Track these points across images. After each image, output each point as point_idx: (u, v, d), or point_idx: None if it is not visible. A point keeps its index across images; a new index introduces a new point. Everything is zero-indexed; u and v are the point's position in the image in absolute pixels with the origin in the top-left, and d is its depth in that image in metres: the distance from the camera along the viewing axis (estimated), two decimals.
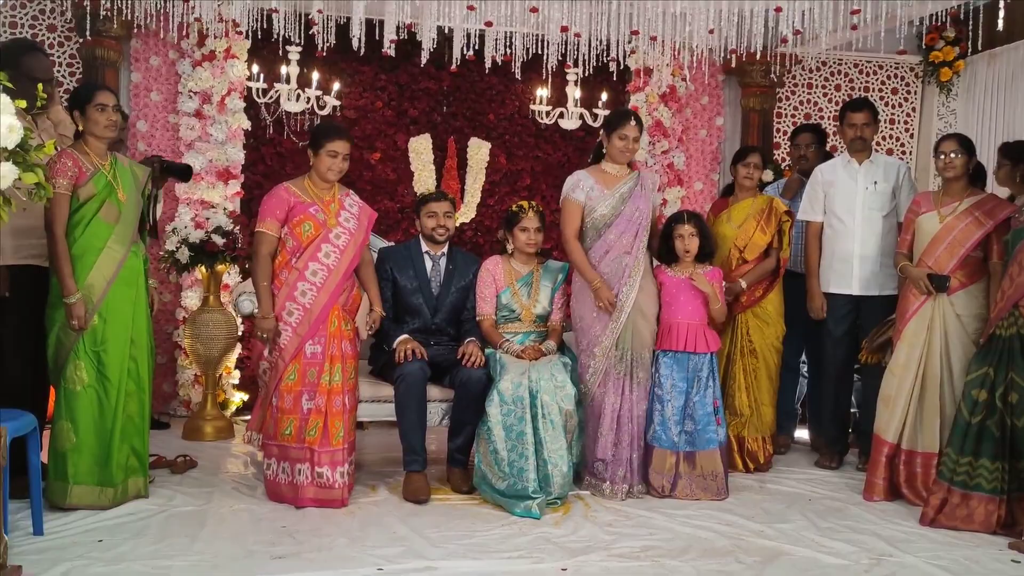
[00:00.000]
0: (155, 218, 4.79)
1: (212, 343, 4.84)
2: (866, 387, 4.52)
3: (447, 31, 5.02)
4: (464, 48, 4.96)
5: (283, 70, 4.75)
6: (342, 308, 3.74)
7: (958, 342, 3.85)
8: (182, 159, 5.18)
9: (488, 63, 5.10)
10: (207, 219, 4.99)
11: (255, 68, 5.01)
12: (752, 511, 3.74)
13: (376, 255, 4.20)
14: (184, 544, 3.12)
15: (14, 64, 3.41)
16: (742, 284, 4.38)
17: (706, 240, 4.11)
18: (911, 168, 5.65)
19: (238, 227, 5.00)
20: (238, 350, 5.23)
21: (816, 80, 6.24)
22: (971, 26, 4.71)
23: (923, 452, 3.87)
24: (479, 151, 5.84)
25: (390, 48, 4.88)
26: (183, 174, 4.66)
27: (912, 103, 6.28)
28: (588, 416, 3.95)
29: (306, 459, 3.59)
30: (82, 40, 5.15)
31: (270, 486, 3.67)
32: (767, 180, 5.18)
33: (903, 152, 6.25)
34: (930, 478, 3.77)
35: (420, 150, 5.75)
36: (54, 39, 5.29)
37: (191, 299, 5.23)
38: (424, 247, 4.16)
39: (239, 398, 5.35)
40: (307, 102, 4.87)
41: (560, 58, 5.10)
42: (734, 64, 5.62)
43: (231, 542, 3.17)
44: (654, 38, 4.95)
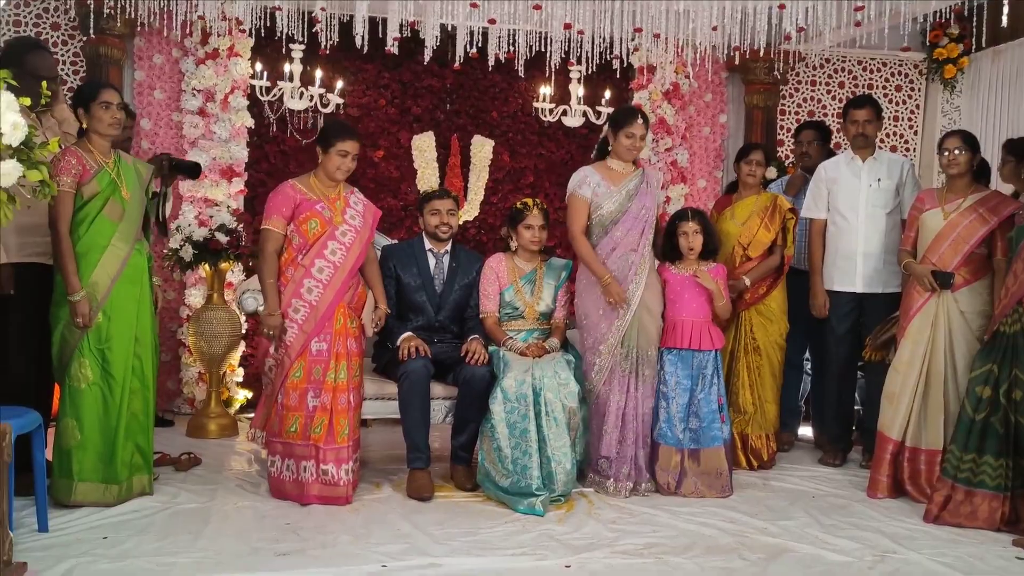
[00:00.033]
0: (165, 216, 4.80)
1: (216, 341, 4.86)
2: (870, 384, 4.52)
3: (450, 29, 5.02)
4: (467, 46, 4.96)
5: (286, 68, 4.76)
6: (348, 306, 3.75)
7: (962, 339, 3.84)
8: (186, 157, 5.19)
9: (491, 61, 5.10)
10: (211, 217, 4.99)
11: (258, 66, 5.01)
12: (756, 508, 3.74)
13: (379, 253, 4.21)
14: (188, 541, 3.12)
15: (18, 62, 3.43)
16: (746, 281, 4.38)
17: (710, 237, 4.11)
18: (915, 165, 5.64)
19: (242, 225, 5.01)
20: (242, 348, 5.24)
21: (820, 77, 6.23)
22: (975, 23, 4.69)
23: (927, 449, 3.87)
24: (482, 149, 5.84)
25: (393, 46, 4.88)
26: (192, 171, 4.66)
27: (916, 100, 6.27)
28: (593, 413, 3.95)
29: (311, 456, 3.59)
30: (86, 38, 5.16)
31: (274, 483, 3.68)
32: (771, 177, 5.16)
33: (907, 149, 6.24)
34: (934, 475, 3.77)
35: (423, 148, 5.75)
36: (58, 37, 5.30)
37: (195, 297, 5.24)
38: (427, 245, 4.16)
39: (243, 396, 5.35)
40: (310, 100, 4.87)
41: (563, 55, 5.09)
42: (737, 61, 5.61)
43: (235, 539, 3.17)
44: (657, 35, 4.94)
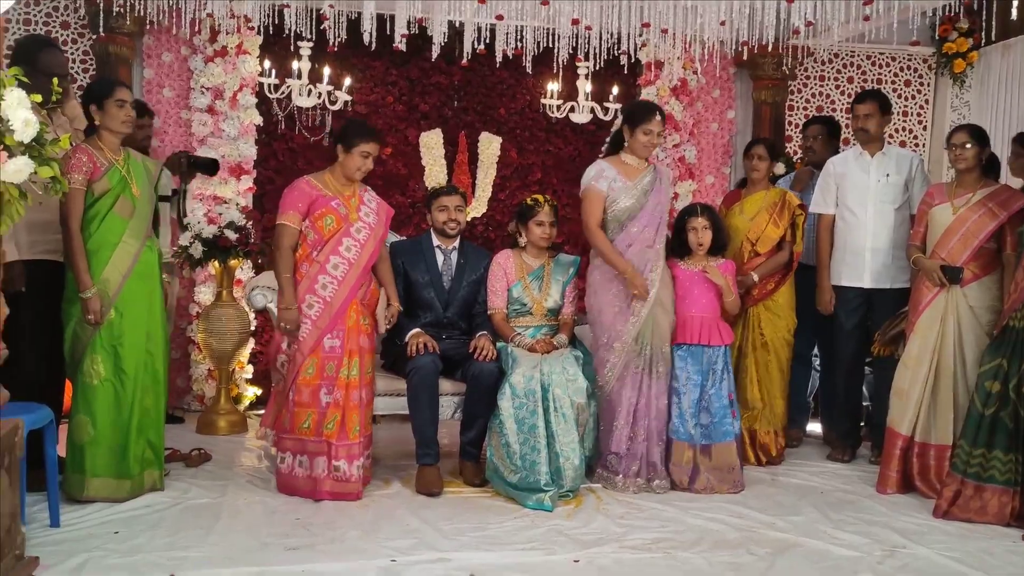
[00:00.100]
0: (183, 213, 4.82)
1: (225, 338, 4.87)
2: (878, 380, 4.51)
3: (458, 25, 5.02)
4: (475, 42, 4.96)
5: (294, 65, 4.76)
6: (360, 302, 3.76)
7: (971, 334, 3.84)
8: (196, 155, 5.20)
9: (499, 57, 5.10)
10: (220, 214, 5.00)
11: (267, 64, 5.02)
12: (764, 503, 3.74)
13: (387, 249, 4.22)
14: (199, 536, 3.14)
15: (30, 60, 3.45)
16: (754, 277, 4.37)
17: (719, 233, 4.10)
18: (924, 160, 5.62)
19: (251, 222, 5.02)
20: (251, 345, 5.26)
21: (828, 72, 6.20)
22: (985, 17, 4.68)
23: (936, 444, 3.86)
24: (490, 145, 5.84)
25: (401, 43, 4.88)
26: (209, 168, 4.69)
27: (925, 95, 6.24)
28: (603, 409, 3.95)
29: (323, 452, 3.60)
30: (95, 36, 5.17)
31: (284, 480, 3.68)
32: (779, 173, 5.15)
33: (916, 144, 6.21)
34: (944, 470, 3.76)
35: (431, 145, 5.76)
36: (67, 36, 5.32)
37: (204, 294, 5.26)
38: (435, 241, 4.16)
39: (252, 392, 5.38)
40: (318, 97, 4.87)
41: (571, 52, 5.09)
42: (746, 57, 5.60)
43: (245, 534, 3.19)
44: (665, 31, 4.93)
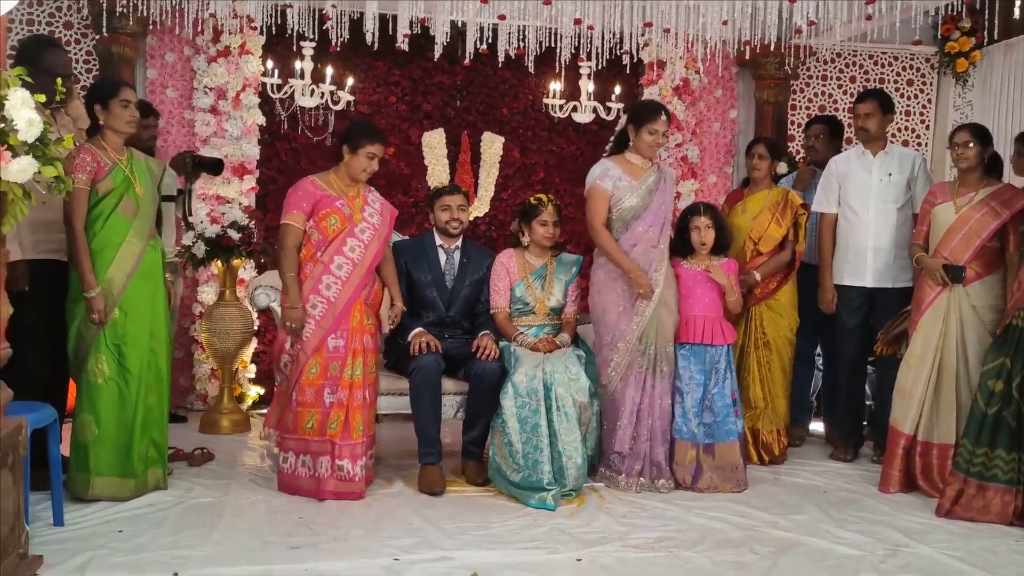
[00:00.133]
0: (188, 212, 4.83)
1: (228, 337, 4.88)
2: (881, 379, 4.51)
3: (460, 25, 5.02)
4: (477, 42, 4.96)
5: (297, 65, 4.76)
6: (364, 302, 3.76)
7: (974, 333, 3.83)
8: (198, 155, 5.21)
9: (501, 57, 5.10)
10: (223, 214, 5.02)
11: (269, 64, 5.02)
12: (766, 503, 3.74)
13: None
14: (202, 535, 3.15)
15: (34, 60, 3.45)
16: (756, 276, 4.37)
17: (722, 232, 4.10)
18: (927, 160, 5.61)
19: (253, 222, 5.03)
20: (254, 344, 5.26)
21: (831, 72, 6.20)
22: (987, 16, 4.67)
23: (939, 444, 3.86)
24: (492, 145, 5.84)
25: (403, 43, 4.89)
26: (214, 167, 4.69)
27: (928, 94, 6.24)
28: (607, 409, 3.95)
29: (327, 452, 3.60)
30: (98, 37, 5.18)
31: (286, 479, 3.68)
32: (781, 173, 5.15)
33: (919, 144, 6.21)
34: (946, 470, 3.75)
35: (434, 144, 5.76)
36: (70, 36, 5.32)
37: (207, 294, 5.27)
38: (438, 240, 4.17)
39: (255, 392, 5.38)
40: (321, 97, 4.88)
41: (573, 51, 5.09)
42: (748, 56, 5.60)
43: (248, 533, 3.20)
44: (667, 30, 4.93)
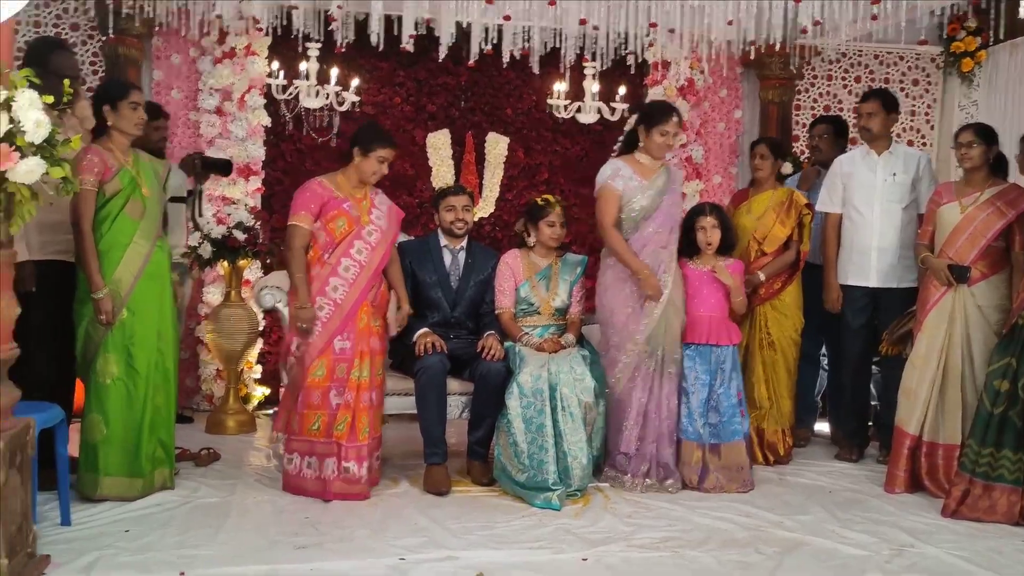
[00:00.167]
0: (198, 213, 4.84)
1: (234, 338, 4.89)
2: (886, 379, 4.50)
3: (465, 26, 5.02)
4: (482, 43, 4.96)
5: (302, 66, 4.78)
6: (371, 304, 3.76)
7: (979, 333, 3.83)
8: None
9: (506, 58, 5.09)
10: (228, 215, 5.03)
11: (275, 65, 5.04)
12: (772, 503, 3.74)
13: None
14: (209, 534, 3.16)
15: (42, 61, 3.47)
16: (760, 277, 4.37)
17: (728, 232, 4.10)
18: (932, 159, 5.60)
19: (259, 223, 5.04)
20: (260, 345, 5.28)
21: (836, 72, 6.20)
22: (993, 16, 4.66)
23: (945, 444, 3.85)
24: (497, 146, 5.85)
25: (408, 44, 4.89)
26: (223, 168, 4.71)
27: (933, 94, 6.22)
28: (613, 409, 3.94)
29: (333, 454, 3.60)
30: (104, 38, 5.19)
31: (291, 481, 3.68)
32: (786, 173, 5.15)
33: (924, 144, 6.20)
34: (952, 470, 3.75)
35: (438, 145, 5.77)
36: (77, 37, 5.34)
37: (213, 294, 5.28)
38: (443, 241, 4.18)
39: (261, 392, 5.39)
40: (326, 98, 4.89)
41: (578, 52, 5.10)
42: (753, 56, 5.59)
43: (255, 533, 3.21)
44: (672, 31, 4.93)
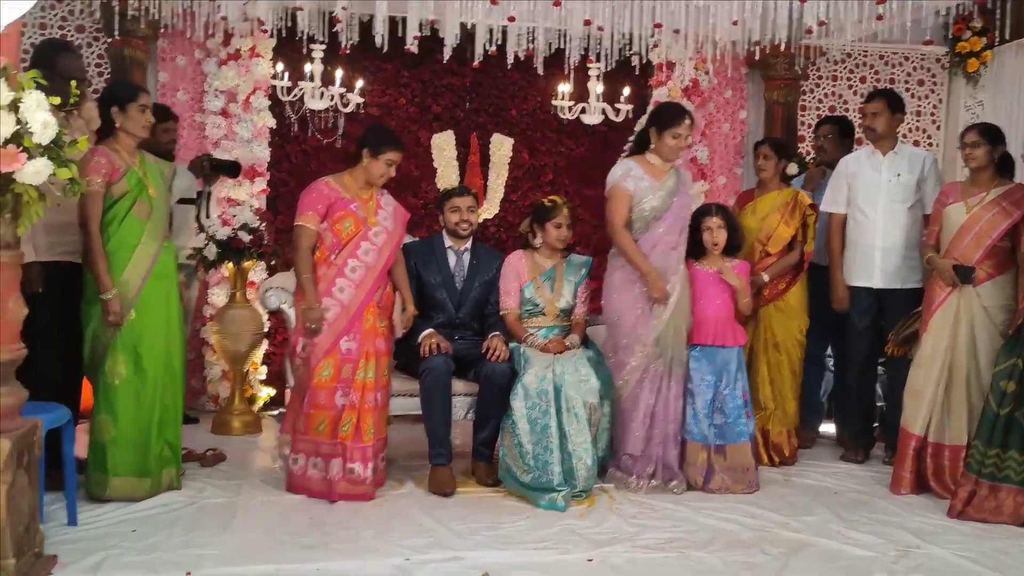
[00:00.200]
0: (208, 214, 4.86)
1: (239, 339, 4.89)
2: (892, 380, 4.49)
3: (469, 27, 5.02)
4: (486, 44, 4.96)
5: (307, 68, 4.78)
6: (377, 305, 3.76)
7: (984, 334, 3.82)
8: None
9: (510, 59, 5.10)
10: (233, 216, 5.04)
11: (280, 66, 5.05)
12: (777, 504, 3.74)
13: None
14: (215, 534, 3.17)
15: (49, 63, 3.49)
16: (764, 277, 4.36)
17: (734, 233, 4.10)
18: (938, 160, 5.59)
19: (264, 224, 5.05)
20: (265, 346, 5.28)
21: (841, 72, 6.19)
22: (999, 16, 4.65)
23: (950, 445, 3.85)
24: (502, 147, 5.85)
25: (413, 45, 4.89)
26: (232, 170, 4.72)
27: (939, 94, 6.22)
28: (620, 410, 3.93)
29: (338, 455, 3.61)
30: (110, 40, 5.21)
31: (296, 481, 3.69)
32: (791, 174, 5.14)
33: (930, 144, 6.19)
34: (958, 471, 3.74)
35: (443, 146, 5.78)
36: (82, 40, 5.35)
37: (218, 296, 5.29)
38: (447, 242, 4.18)
39: (266, 393, 5.40)
40: (331, 100, 4.90)
41: (582, 53, 5.09)
42: (758, 57, 5.59)
43: (261, 533, 3.21)
44: (677, 31, 4.93)
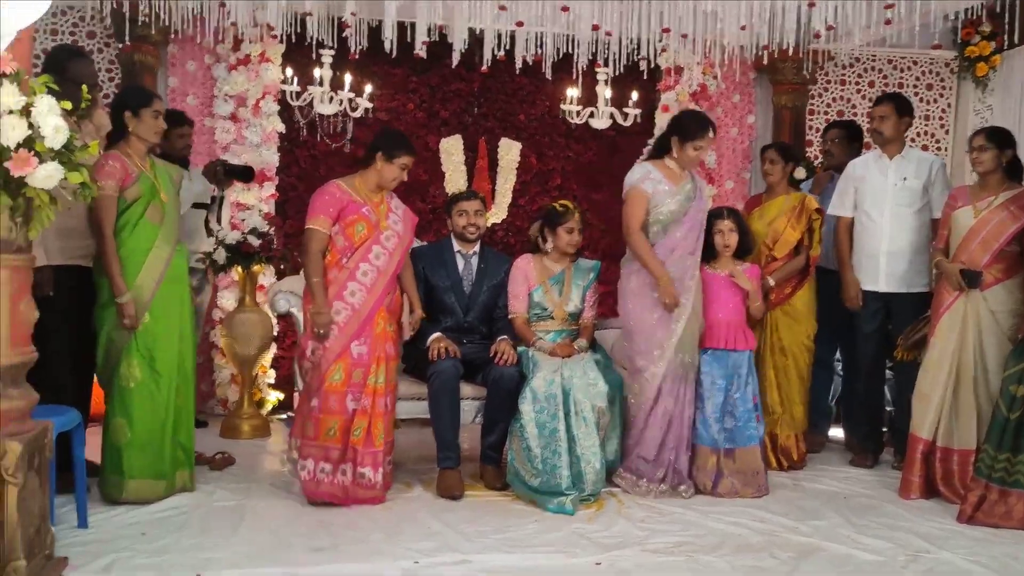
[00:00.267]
0: (220, 219, 4.89)
1: (248, 343, 4.91)
2: (900, 384, 4.47)
3: (478, 32, 5.04)
4: (495, 49, 4.98)
5: (316, 73, 4.81)
6: (387, 309, 3.77)
7: (993, 338, 3.80)
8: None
9: (519, 63, 5.12)
10: (243, 220, 5.06)
11: (289, 71, 5.07)
12: (786, 508, 3.73)
13: None
14: (224, 537, 3.18)
15: (60, 69, 3.51)
16: (770, 282, 4.35)
17: (745, 236, 4.10)
18: (946, 164, 5.58)
19: (273, 228, 5.07)
20: (274, 349, 5.30)
21: (849, 76, 6.19)
22: (1007, 20, 4.65)
23: (959, 449, 3.83)
24: (510, 151, 5.87)
25: (422, 50, 4.92)
26: (245, 175, 4.75)
27: (947, 99, 6.20)
28: (635, 415, 3.91)
29: (349, 459, 3.60)
30: (121, 46, 5.24)
31: (307, 486, 3.65)
32: (799, 178, 5.14)
33: (939, 148, 6.18)
34: (967, 475, 3.73)
35: (451, 151, 5.79)
36: (93, 45, 5.40)
37: (227, 300, 5.31)
38: (456, 246, 4.19)
39: (275, 397, 5.42)
40: (340, 105, 4.92)
41: (591, 57, 5.11)
42: (766, 61, 5.58)
43: (270, 536, 3.22)
44: (685, 36, 4.94)
